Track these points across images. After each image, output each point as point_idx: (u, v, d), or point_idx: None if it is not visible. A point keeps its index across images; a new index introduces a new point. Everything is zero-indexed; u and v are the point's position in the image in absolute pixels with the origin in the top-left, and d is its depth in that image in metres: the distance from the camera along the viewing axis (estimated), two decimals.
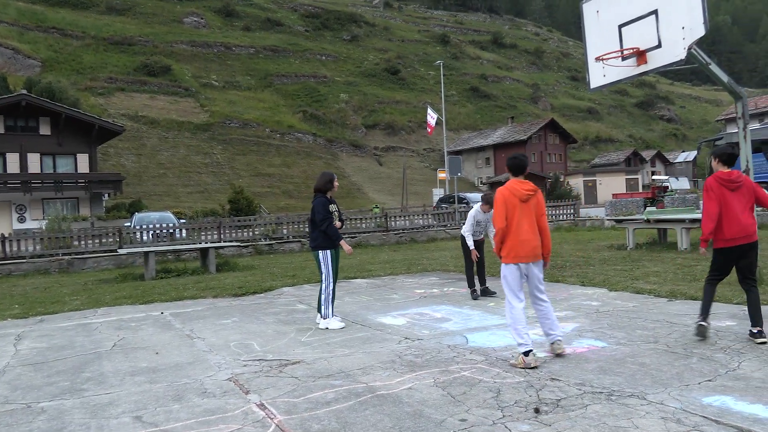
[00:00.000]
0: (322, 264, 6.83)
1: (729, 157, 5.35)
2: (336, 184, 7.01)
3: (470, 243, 8.50)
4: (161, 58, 73.37)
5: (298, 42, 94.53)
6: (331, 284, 6.83)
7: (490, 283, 8.69)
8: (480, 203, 8.55)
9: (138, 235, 18.80)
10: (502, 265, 5.12)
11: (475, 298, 8.36)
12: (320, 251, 6.83)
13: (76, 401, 4.47)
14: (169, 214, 25.38)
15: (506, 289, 5.11)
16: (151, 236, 18.85)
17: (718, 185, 5.18)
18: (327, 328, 6.69)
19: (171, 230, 19.34)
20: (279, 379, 4.78)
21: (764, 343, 5.01)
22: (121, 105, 61.76)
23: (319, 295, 6.94)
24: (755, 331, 5.10)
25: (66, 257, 16.86)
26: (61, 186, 33.68)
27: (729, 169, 5.28)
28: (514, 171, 5.20)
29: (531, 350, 4.78)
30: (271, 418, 3.85)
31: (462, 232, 8.67)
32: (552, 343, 5.06)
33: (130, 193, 44.31)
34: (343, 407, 4.00)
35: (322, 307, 6.82)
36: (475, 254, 8.53)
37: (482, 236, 8.78)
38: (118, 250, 16.38)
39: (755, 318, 5.16)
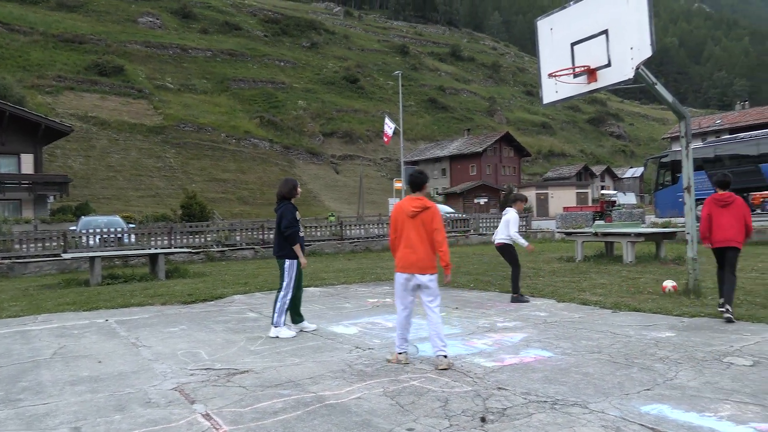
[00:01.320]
0: (285, 273, 6.73)
1: (722, 183, 6.90)
2: (299, 190, 6.98)
3: (523, 242, 8.88)
4: (114, 58, 71.66)
5: (256, 47, 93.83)
6: (290, 294, 6.73)
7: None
8: (513, 206, 9.08)
9: (84, 239, 18.23)
10: (396, 274, 5.45)
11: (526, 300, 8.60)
12: (287, 260, 6.73)
13: (11, 412, 4.29)
14: (117, 219, 24.72)
15: (395, 295, 5.51)
16: (98, 241, 18.29)
17: (711, 202, 6.82)
18: (277, 337, 6.62)
19: (119, 235, 18.83)
20: (226, 388, 4.70)
21: (729, 319, 6.43)
22: (70, 105, 59.99)
23: (274, 303, 6.83)
24: (721, 302, 6.72)
25: (6, 261, 16.20)
26: (2, 187, 32.39)
27: (722, 192, 6.80)
28: (411, 187, 5.50)
29: (404, 352, 5.32)
30: (217, 429, 3.78)
31: (510, 234, 8.83)
32: (435, 356, 5.19)
33: (77, 196, 42.99)
34: (291, 417, 3.96)
35: (275, 315, 6.72)
36: (530, 247, 9.02)
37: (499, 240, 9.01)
38: (62, 255, 15.84)
39: (729, 297, 6.58)
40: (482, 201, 60.10)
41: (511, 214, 8.95)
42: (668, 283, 8.48)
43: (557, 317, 7.26)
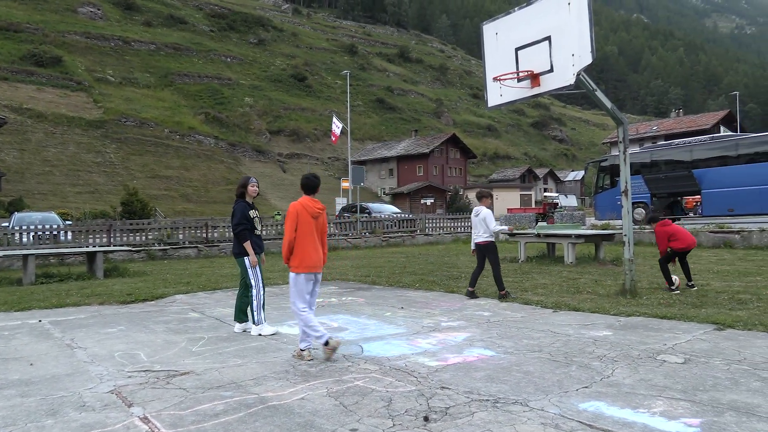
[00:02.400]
0: (249, 271, 6.70)
1: (651, 219, 9.01)
2: (252, 188, 6.83)
3: (505, 227, 9.63)
4: (51, 48, 68.89)
5: (202, 42, 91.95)
6: (261, 290, 6.73)
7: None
8: (479, 203, 9.13)
9: (17, 236, 17.45)
10: (293, 274, 5.54)
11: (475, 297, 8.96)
12: (245, 258, 6.70)
13: None
14: (53, 215, 23.76)
15: (295, 295, 5.56)
16: (31, 238, 17.54)
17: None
18: (260, 335, 6.59)
19: (55, 232, 18.10)
20: (166, 390, 4.58)
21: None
22: (4, 96, 57.26)
23: (237, 301, 6.85)
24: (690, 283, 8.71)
25: None
26: None
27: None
28: (305, 189, 5.69)
29: (329, 337, 5.41)
30: None
31: (493, 229, 8.88)
32: (302, 349, 5.53)
33: (11, 191, 41.09)
34: (232, 419, 3.89)
35: (254, 314, 6.67)
36: (511, 228, 9.64)
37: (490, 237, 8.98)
38: None
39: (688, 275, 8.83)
40: (429, 201, 60.66)
41: (485, 211, 8.98)
42: None
43: (500, 317, 7.40)
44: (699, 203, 22.49)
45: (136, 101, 67.08)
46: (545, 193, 56.74)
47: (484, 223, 8.91)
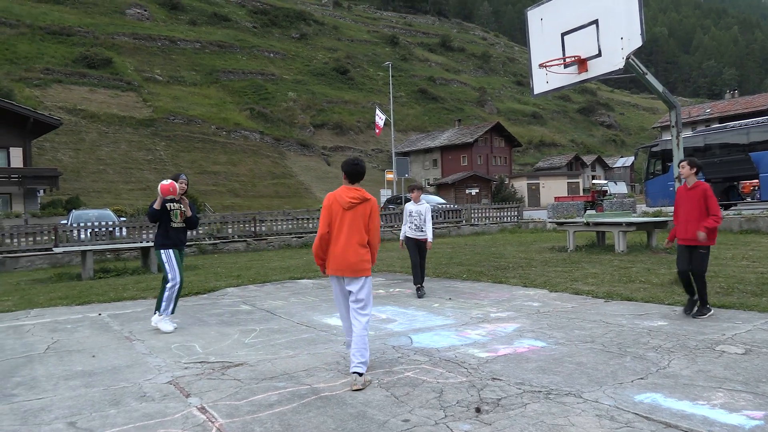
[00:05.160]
0: (165, 264, 6.90)
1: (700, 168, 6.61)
2: (180, 184, 7.18)
3: (401, 235, 8.85)
4: (102, 50, 71.04)
5: (245, 38, 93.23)
6: (178, 284, 6.89)
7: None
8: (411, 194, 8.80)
9: (75, 233, 18.13)
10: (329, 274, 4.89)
11: (420, 296, 8.51)
12: (162, 250, 6.94)
13: (5, 407, 4.28)
14: (108, 212, 24.58)
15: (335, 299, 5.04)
16: (89, 234, 18.20)
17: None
18: (156, 327, 6.78)
19: (110, 228, 18.73)
20: (221, 381, 4.70)
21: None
22: (59, 97, 59.45)
23: (160, 293, 6.94)
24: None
25: None
26: None
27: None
28: (349, 177, 4.84)
29: (357, 372, 4.39)
30: (212, 422, 3.79)
31: (430, 232, 8.77)
32: (351, 372, 4.49)
33: (68, 190, 42.70)
34: (286, 409, 3.97)
35: (162, 303, 6.82)
36: (401, 245, 8.98)
37: (424, 235, 8.72)
38: (53, 249, 15.75)
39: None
40: (473, 191, 60.19)
41: (427, 206, 8.72)
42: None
43: (550, 307, 7.30)
44: (757, 188, 21.63)
45: (183, 99, 68.63)
46: (593, 181, 55.51)
47: (423, 218, 8.61)
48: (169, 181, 7.02)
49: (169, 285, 6.87)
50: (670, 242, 6.79)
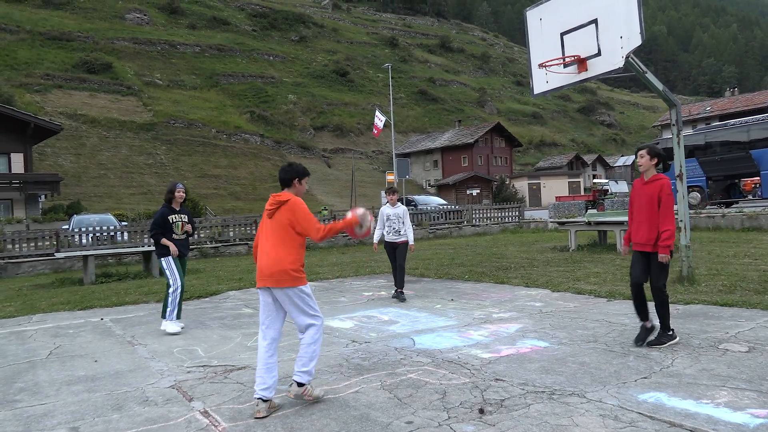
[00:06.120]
0: (166, 270, 7.11)
1: (665, 159, 5.21)
2: (178, 194, 7.29)
3: (375, 238, 8.76)
4: (102, 55, 71.12)
5: (245, 41, 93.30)
6: (179, 288, 7.06)
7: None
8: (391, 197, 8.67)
9: (77, 238, 18.13)
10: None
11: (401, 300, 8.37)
12: (162, 259, 7.15)
13: (8, 413, 4.28)
14: (109, 216, 24.59)
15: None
16: (90, 239, 18.20)
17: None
18: (165, 331, 6.88)
19: (112, 233, 18.74)
20: (224, 385, 4.70)
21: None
22: (59, 103, 59.52)
23: (165, 298, 7.09)
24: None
25: None
26: None
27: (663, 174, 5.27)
28: (280, 183, 4.43)
29: (261, 398, 3.95)
30: (216, 426, 3.78)
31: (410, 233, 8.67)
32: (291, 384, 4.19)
33: (69, 195, 42.71)
34: (290, 412, 3.97)
35: (168, 309, 6.99)
36: (374, 247, 8.91)
37: (403, 238, 8.59)
38: (55, 254, 15.75)
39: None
40: (474, 192, 60.16)
41: (404, 208, 8.64)
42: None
43: (552, 307, 7.29)
44: (758, 185, 21.59)
45: (184, 103, 68.67)
46: (594, 180, 55.44)
47: (401, 221, 8.52)
48: (181, 186, 7.40)
49: (170, 290, 7.02)
50: (626, 247, 5.60)
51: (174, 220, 7.23)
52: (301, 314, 4.16)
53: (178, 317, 7.10)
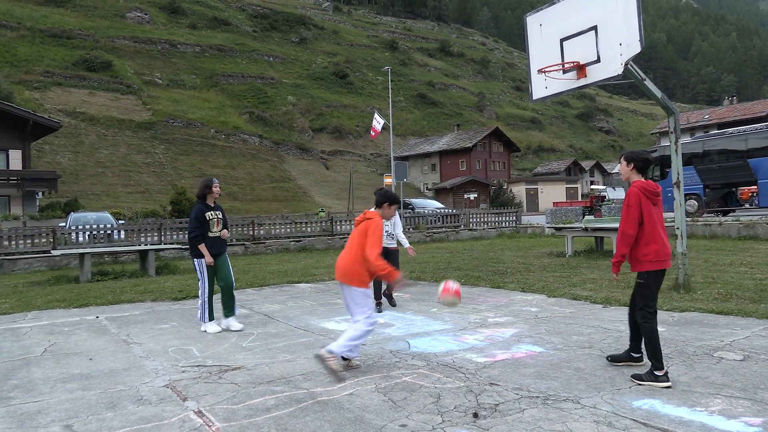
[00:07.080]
0: (198, 272, 7.04)
1: (645, 163, 4.60)
2: (216, 189, 7.04)
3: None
4: (102, 53, 71.09)
5: (245, 42, 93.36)
6: (206, 291, 6.97)
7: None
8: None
9: (73, 235, 18.10)
10: None
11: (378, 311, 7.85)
12: (195, 259, 7.02)
13: (2, 410, 4.26)
14: (107, 215, 24.56)
15: None
16: (87, 237, 18.18)
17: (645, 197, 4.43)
18: (205, 332, 6.84)
19: (109, 231, 18.71)
20: (218, 385, 4.69)
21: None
22: (58, 100, 59.47)
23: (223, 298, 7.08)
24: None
25: None
26: None
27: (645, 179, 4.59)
28: (375, 203, 5.34)
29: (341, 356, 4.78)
30: (209, 426, 3.77)
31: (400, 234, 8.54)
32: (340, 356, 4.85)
33: (66, 192, 42.67)
34: (284, 414, 3.96)
35: (198, 312, 7.02)
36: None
37: (394, 243, 8.29)
38: (51, 251, 15.73)
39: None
40: (472, 196, 60.22)
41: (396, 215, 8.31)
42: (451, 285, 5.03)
43: (548, 312, 7.29)
44: (755, 194, 21.67)
45: (183, 102, 68.65)
46: (592, 186, 55.55)
47: (392, 225, 8.18)
48: (216, 181, 7.12)
49: (199, 292, 7.02)
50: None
51: (210, 217, 6.99)
52: (349, 306, 5.05)
53: (211, 318, 6.98)
